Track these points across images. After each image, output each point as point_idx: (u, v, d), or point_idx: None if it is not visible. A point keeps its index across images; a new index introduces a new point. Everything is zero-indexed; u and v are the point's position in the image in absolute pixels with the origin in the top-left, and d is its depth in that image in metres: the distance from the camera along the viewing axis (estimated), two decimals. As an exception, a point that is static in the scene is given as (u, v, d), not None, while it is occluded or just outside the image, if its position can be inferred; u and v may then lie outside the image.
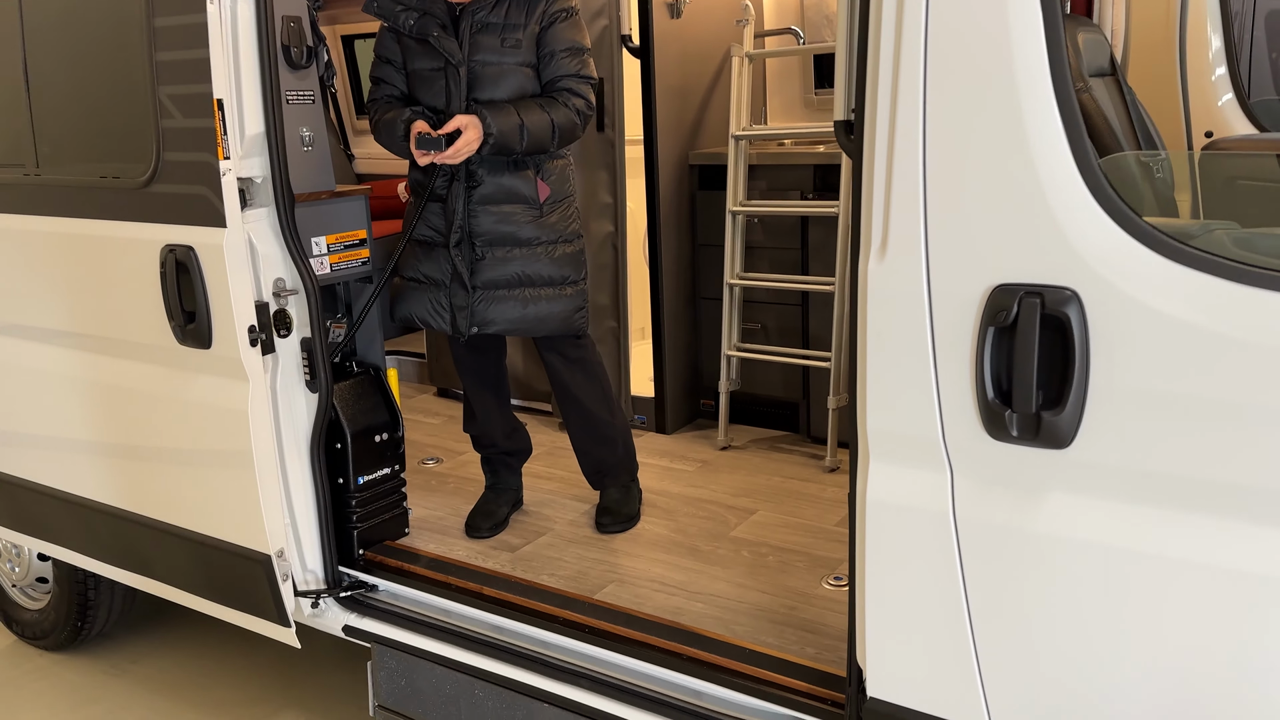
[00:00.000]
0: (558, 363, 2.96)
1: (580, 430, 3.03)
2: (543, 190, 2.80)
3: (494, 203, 2.77)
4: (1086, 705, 1.66)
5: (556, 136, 2.72)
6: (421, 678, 2.58)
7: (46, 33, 2.73)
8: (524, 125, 2.66)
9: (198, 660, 3.69)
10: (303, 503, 2.69)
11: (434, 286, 2.84)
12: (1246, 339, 1.43)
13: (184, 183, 2.47)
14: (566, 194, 2.88)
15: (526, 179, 2.78)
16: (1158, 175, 3.04)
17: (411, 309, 2.89)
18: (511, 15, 2.71)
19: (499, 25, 2.71)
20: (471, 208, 2.77)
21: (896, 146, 1.63)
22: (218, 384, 2.57)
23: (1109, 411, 1.54)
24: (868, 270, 1.69)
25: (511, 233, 2.78)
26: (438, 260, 2.83)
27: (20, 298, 2.98)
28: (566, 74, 2.75)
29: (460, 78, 2.72)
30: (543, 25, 2.72)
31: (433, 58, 2.75)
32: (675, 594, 2.62)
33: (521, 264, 2.80)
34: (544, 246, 2.82)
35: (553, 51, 2.74)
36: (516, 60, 2.72)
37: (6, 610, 3.86)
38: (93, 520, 3.04)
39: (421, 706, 2.61)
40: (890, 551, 1.79)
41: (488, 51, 2.71)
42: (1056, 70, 1.50)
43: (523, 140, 2.67)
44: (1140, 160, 2.14)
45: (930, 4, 1.57)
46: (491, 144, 2.64)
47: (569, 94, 2.74)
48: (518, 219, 2.78)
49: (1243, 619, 1.50)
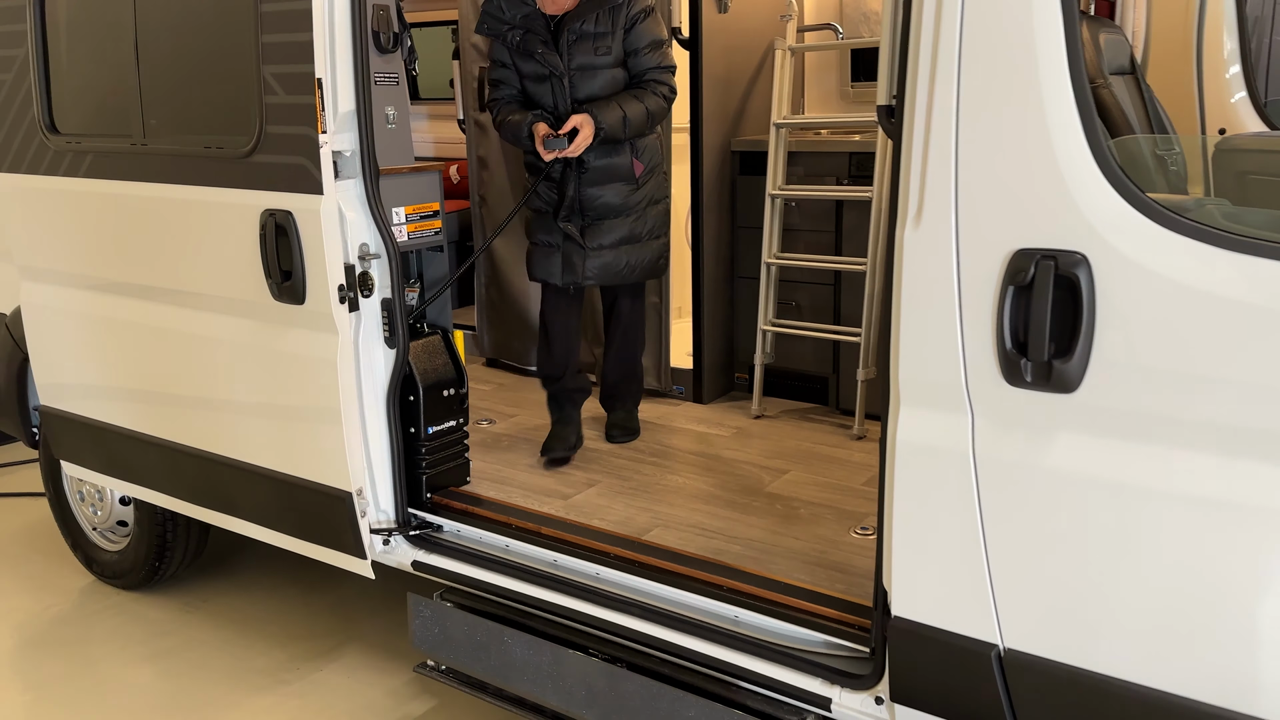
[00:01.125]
0: (625, 304, 3.60)
1: (617, 358, 3.66)
2: (637, 168, 3.38)
3: (598, 183, 3.33)
4: (1087, 621, 1.90)
5: (651, 120, 3.29)
6: (454, 626, 2.83)
7: (157, 15, 3.01)
8: (626, 116, 3.22)
9: (265, 599, 3.99)
10: (378, 448, 2.96)
11: (554, 250, 3.41)
12: (1230, 296, 1.67)
13: (284, 153, 2.74)
14: (656, 164, 3.46)
15: (624, 159, 3.34)
16: (1172, 168, 3.27)
17: (541, 269, 3.47)
18: (600, 24, 3.24)
19: (591, 34, 3.24)
20: (581, 187, 3.32)
21: (933, 128, 1.88)
22: (309, 336, 2.84)
23: (1111, 360, 1.78)
24: (904, 237, 1.94)
25: (613, 204, 3.36)
26: (551, 227, 3.38)
27: (124, 257, 3.27)
28: (651, 66, 3.29)
29: (564, 84, 3.28)
30: (627, 28, 3.22)
31: (538, 66, 3.29)
32: (714, 537, 2.88)
33: (621, 228, 3.39)
34: (638, 210, 3.41)
35: (637, 49, 3.27)
36: (608, 62, 3.27)
37: (87, 551, 4.16)
38: (182, 463, 3.32)
39: (454, 653, 2.85)
40: (916, 486, 2.03)
41: (584, 57, 3.25)
42: (1074, 64, 1.74)
43: (625, 129, 3.23)
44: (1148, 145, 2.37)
45: (965, 4, 1.81)
46: (602, 135, 3.19)
47: (656, 83, 3.30)
48: (619, 192, 3.36)
49: (1228, 544, 1.74)
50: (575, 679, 2.62)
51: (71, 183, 3.34)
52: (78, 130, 3.32)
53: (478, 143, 4.53)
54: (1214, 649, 1.78)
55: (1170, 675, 1.83)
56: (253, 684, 3.45)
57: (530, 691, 2.73)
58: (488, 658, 2.79)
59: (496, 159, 4.49)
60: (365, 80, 2.73)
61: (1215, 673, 1.79)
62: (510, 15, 3.30)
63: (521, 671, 2.72)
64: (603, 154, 3.30)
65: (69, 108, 3.35)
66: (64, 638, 3.79)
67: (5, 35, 3.44)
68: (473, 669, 2.84)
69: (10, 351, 4.07)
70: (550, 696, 2.69)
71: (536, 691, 2.71)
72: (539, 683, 2.70)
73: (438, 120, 5.85)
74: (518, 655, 2.73)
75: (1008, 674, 2.01)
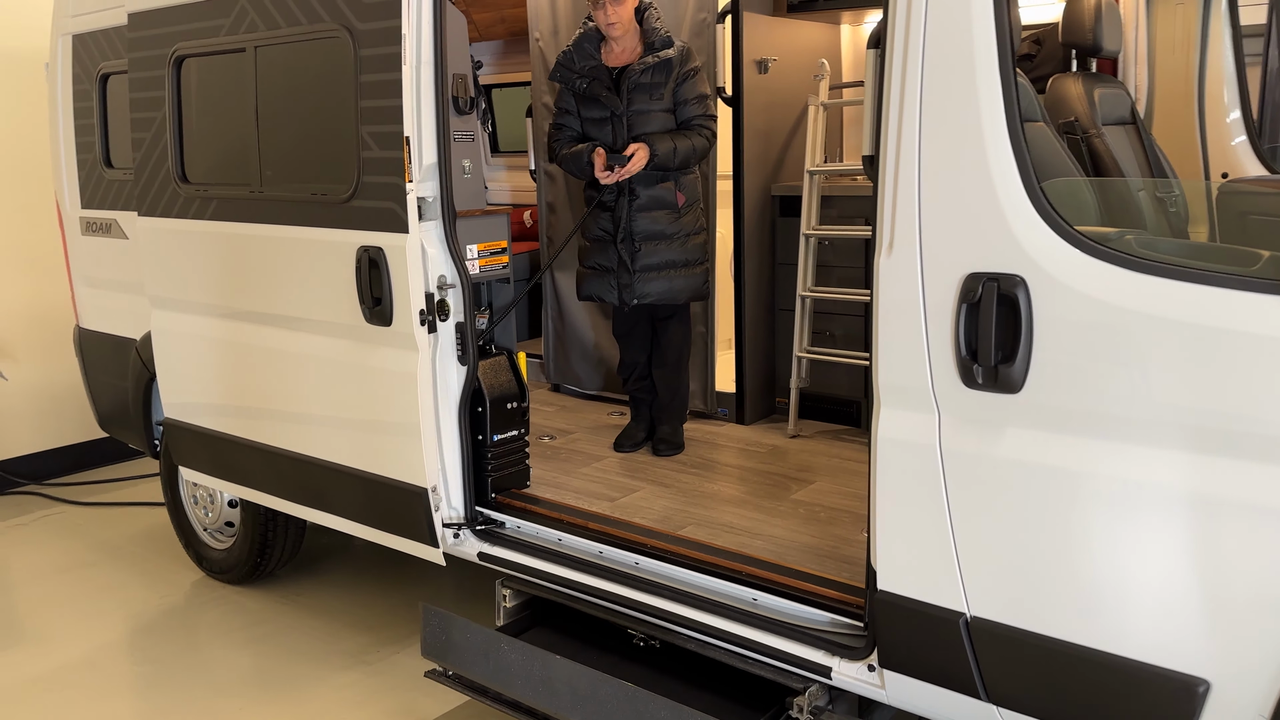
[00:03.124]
0: (674, 326, 4.10)
1: (665, 378, 4.14)
2: (680, 198, 3.95)
3: (647, 210, 3.91)
4: (1037, 590, 2.23)
5: (695, 154, 3.88)
6: (458, 633, 3.16)
7: (274, 85, 3.58)
8: (676, 147, 3.82)
9: (350, 595, 4.48)
10: (451, 452, 3.42)
11: (607, 272, 3.97)
12: (1141, 310, 2.02)
13: (377, 199, 3.26)
14: (696, 198, 4.05)
15: (669, 191, 3.91)
16: (1171, 209, 3.59)
17: (592, 289, 4.02)
18: (655, 76, 3.84)
19: (648, 85, 3.84)
20: (632, 214, 3.90)
21: (901, 174, 2.27)
22: (395, 354, 3.33)
23: (1047, 365, 2.14)
24: (879, 265, 2.33)
25: (660, 230, 3.91)
26: (608, 252, 3.95)
27: (240, 287, 3.82)
28: (697, 115, 3.89)
29: (623, 124, 3.87)
30: (678, 82, 3.81)
31: (600, 109, 3.90)
32: (741, 534, 3.25)
33: (666, 253, 3.93)
34: (680, 239, 3.95)
35: (686, 100, 3.88)
36: (661, 107, 3.87)
37: (198, 550, 4.72)
38: (284, 466, 3.84)
39: (459, 659, 3.17)
40: (895, 475, 2.40)
41: (640, 103, 3.85)
42: (1010, 121, 2.13)
43: (674, 158, 3.81)
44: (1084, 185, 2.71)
45: (924, 78, 2.21)
46: (655, 161, 3.78)
47: (701, 127, 3.90)
48: (663, 220, 3.92)
49: (1150, 519, 2.07)
50: (562, 683, 2.96)
51: (198, 224, 3.93)
52: (204, 180, 3.91)
53: (547, 190, 5.04)
54: (1138, 611, 2.10)
55: (1106, 636, 2.15)
56: (337, 664, 3.92)
57: (523, 695, 3.05)
58: (487, 663, 3.12)
59: (563, 204, 4.99)
60: (445, 138, 3.24)
61: (1140, 632, 2.11)
62: (579, 66, 3.91)
63: (515, 676, 3.05)
64: (650, 185, 3.87)
65: (197, 161, 3.94)
66: (174, 623, 4.32)
67: (147, 100, 4.06)
68: (475, 674, 3.17)
69: (139, 372, 4.68)
70: (541, 700, 3.00)
71: (529, 695, 3.03)
72: (531, 686, 3.02)
73: (514, 170, 6.41)
74: (512, 661, 3.05)
75: (974, 638, 2.35)
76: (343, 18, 3.26)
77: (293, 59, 3.49)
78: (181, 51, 3.86)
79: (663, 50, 3.84)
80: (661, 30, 3.90)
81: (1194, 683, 2.05)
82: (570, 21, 4.71)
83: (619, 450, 4.17)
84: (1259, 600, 1.98)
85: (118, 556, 5.03)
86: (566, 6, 4.73)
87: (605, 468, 3.98)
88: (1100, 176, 3.18)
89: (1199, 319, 1.96)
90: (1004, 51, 2.13)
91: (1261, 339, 1.91)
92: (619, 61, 3.90)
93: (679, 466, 3.96)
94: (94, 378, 5.09)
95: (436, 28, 3.16)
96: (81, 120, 4.81)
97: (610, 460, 4.07)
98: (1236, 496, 1.98)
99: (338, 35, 3.28)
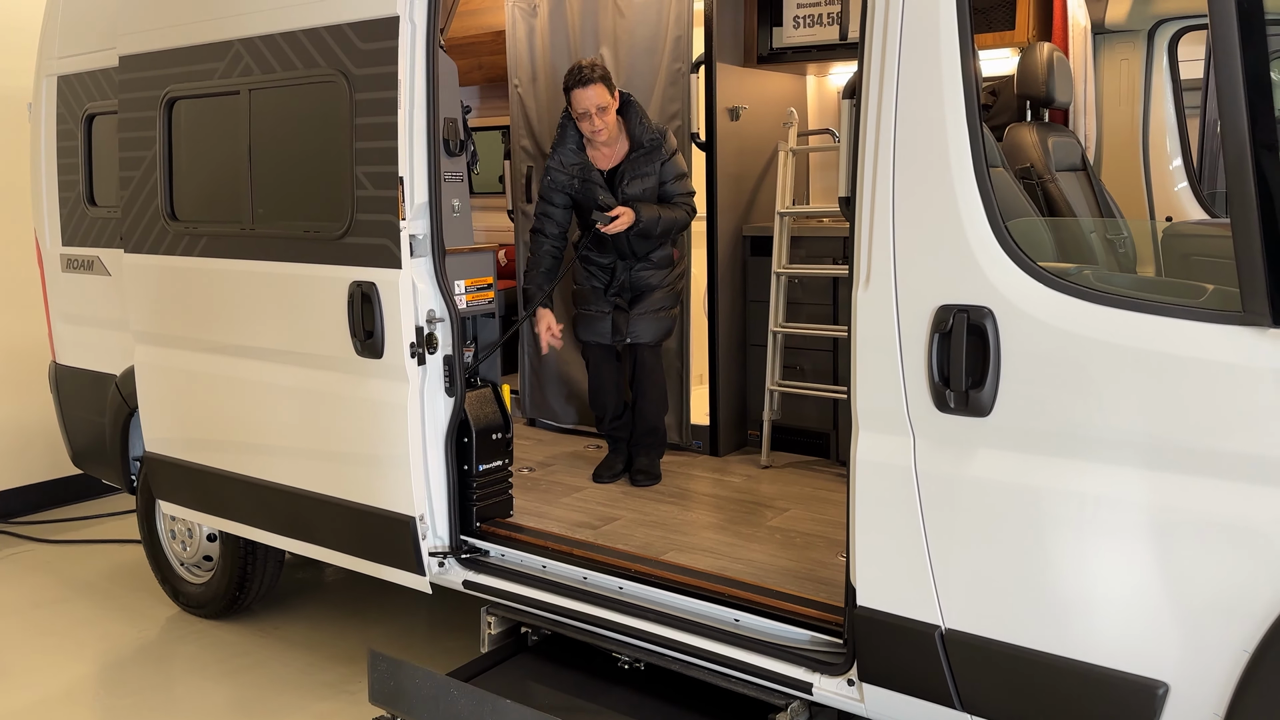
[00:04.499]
0: (649, 359, 4.30)
1: (642, 412, 4.31)
2: (675, 254, 4.33)
3: (647, 267, 4.27)
4: (1006, 598, 2.38)
5: (676, 226, 4.19)
6: (407, 679, 3.14)
7: (268, 126, 3.69)
8: (660, 216, 4.10)
9: (330, 628, 4.51)
10: (437, 481, 3.51)
11: (602, 317, 4.27)
12: (1098, 338, 2.20)
13: (371, 236, 3.38)
14: (685, 253, 4.47)
15: (667, 250, 4.28)
16: (1120, 250, 3.82)
17: (592, 332, 4.29)
18: (642, 166, 4.12)
19: (639, 174, 4.13)
20: (632, 273, 4.27)
21: (876, 213, 2.45)
22: (384, 385, 3.43)
23: (1014, 390, 2.31)
24: (857, 297, 2.50)
25: (654, 283, 4.28)
26: (603, 300, 4.27)
27: (228, 322, 3.90)
28: (679, 192, 4.19)
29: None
30: (661, 163, 4.14)
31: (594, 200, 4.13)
32: (721, 558, 3.38)
33: (657, 301, 4.27)
34: (663, 290, 4.30)
35: (668, 179, 4.16)
36: (649, 184, 4.14)
37: (174, 584, 4.72)
38: (269, 498, 3.89)
39: (408, 706, 3.13)
40: (873, 495, 2.54)
41: (633, 189, 4.13)
42: (977, 165, 2.31)
43: (657, 226, 4.09)
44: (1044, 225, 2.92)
45: (898, 126, 2.40)
46: (640, 227, 4.06)
47: (683, 203, 4.20)
48: (658, 275, 4.29)
49: (1110, 534, 2.24)
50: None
51: (186, 260, 4.00)
52: (194, 217, 4.00)
53: (524, 230, 5.18)
54: (1102, 619, 2.26)
55: (1072, 643, 2.30)
56: (318, 694, 3.95)
57: None
58: (436, 709, 3.09)
59: (539, 243, 5.13)
60: (437, 178, 3.37)
61: (1104, 639, 2.26)
62: (569, 167, 4.13)
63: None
64: (645, 249, 4.22)
65: (187, 199, 4.03)
66: (151, 657, 4.32)
67: (137, 140, 4.15)
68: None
69: (118, 407, 4.71)
70: None
71: None
72: None
73: (487, 211, 6.55)
74: (462, 707, 3.03)
75: (949, 650, 2.49)
76: (339, 63, 3.40)
77: (288, 102, 3.61)
78: (174, 93, 3.97)
79: (650, 144, 4.09)
80: (649, 127, 4.11)
81: (1154, 685, 2.20)
82: (548, 69, 4.89)
83: (598, 481, 4.28)
84: (1213, 606, 2.14)
85: (91, 592, 5.01)
86: (545, 55, 4.91)
87: (585, 498, 4.08)
88: (1055, 218, 3.40)
89: (1152, 346, 2.15)
90: (970, 102, 2.33)
91: (1209, 364, 2.09)
92: (607, 163, 4.13)
93: (657, 496, 4.08)
94: (70, 414, 5.09)
95: (430, 74, 3.31)
96: (65, 159, 4.88)
97: (590, 490, 4.18)
98: (1190, 509, 2.15)
99: (334, 80, 3.42)
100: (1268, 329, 2.03)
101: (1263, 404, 2.04)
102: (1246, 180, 2.03)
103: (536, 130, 4.97)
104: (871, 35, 2.44)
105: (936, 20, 2.35)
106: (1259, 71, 2.04)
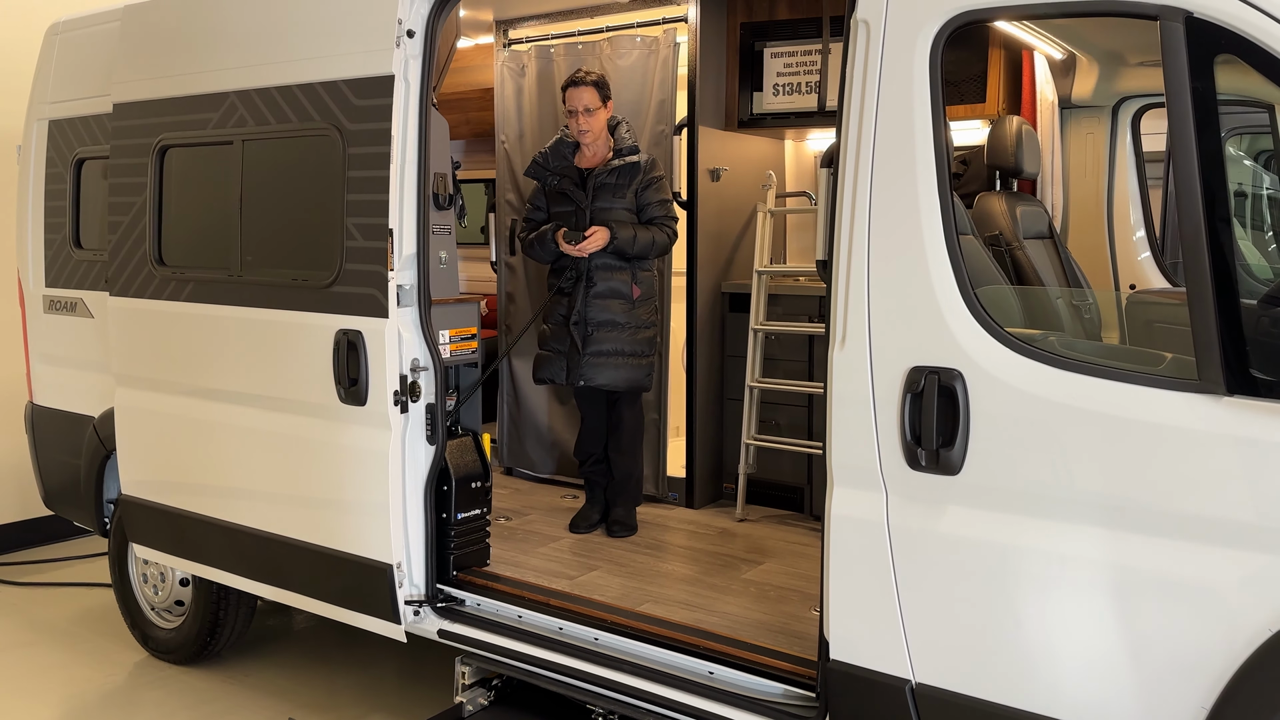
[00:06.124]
0: (626, 412, 4.35)
1: (622, 460, 4.36)
2: (635, 290, 4.23)
3: (603, 298, 4.20)
4: (974, 653, 2.44)
5: (654, 247, 4.19)
6: None
7: (260, 176, 3.77)
8: (636, 235, 4.13)
9: (301, 675, 4.48)
10: (415, 530, 3.53)
11: (559, 355, 4.25)
12: (1063, 401, 2.29)
13: (359, 285, 3.44)
14: (651, 294, 4.34)
15: (625, 283, 4.07)
16: (1085, 316, 3.95)
17: (545, 372, 4.29)
18: (620, 178, 4.18)
19: (612, 185, 4.20)
20: (588, 300, 4.06)
21: (852, 277, 2.55)
22: (367, 433, 3.47)
23: (984, 449, 2.39)
24: (833, 357, 2.58)
25: (612, 319, 4.18)
26: (562, 336, 4.22)
27: (211, 367, 3.93)
28: (659, 215, 4.24)
29: (586, 217, 4.19)
30: (642, 187, 4.14)
31: (567, 203, 4.24)
32: (696, 610, 3.42)
33: (617, 341, 4.19)
34: (631, 329, 4.20)
35: (649, 202, 4.24)
36: (622, 206, 4.21)
37: (144, 630, 4.68)
38: (244, 543, 3.89)
39: None
40: (847, 550, 2.61)
41: (604, 200, 4.21)
42: (948, 234, 2.42)
43: (633, 245, 4.11)
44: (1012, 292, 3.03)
45: (873, 195, 2.51)
46: (614, 245, 4.08)
47: (663, 224, 4.25)
48: (617, 309, 4.20)
49: (1075, 591, 2.31)
50: None
51: (172, 305, 4.04)
52: (181, 263, 4.05)
53: (507, 281, 5.27)
54: (1066, 674, 2.32)
55: (1037, 698, 2.36)
56: (290, 743, 3.92)
57: None
58: None
59: (522, 294, 5.22)
60: (425, 231, 3.45)
61: (1068, 694, 2.32)
62: (553, 165, 4.30)
63: None
64: (607, 275, 4.16)
65: (175, 245, 4.08)
66: (117, 703, 4.27)
67: (127, 185, 4.21)
68: None
69: (94, 449, 4.70)
70: None
71: None
72: None
73: (470, 261, 6.64)
74: None
75: (919, 704, 2.54)
76: (333, 118, 3.49)
77: (280, 153, 3.69)
78: (167, 141, 4.04)
79: (629, 156, 4.19)
80: (629, 140, 4.26)
81: (1117, 740, 2.26)
82: (535, 126, 5.01)
83: (574, 531, 4.32)
84: (1172, 664, 2.21)
85: (57, 636, 4.94)
86: (532, 112, 5.04)
87: (562, 548, 4.12)
88: (1023, 285, 3.53)
89: (1113, 410, 2.24)
90: (942, 173, 2.44)
91: (1167, 429, 2.19)
92: (589, 164, 4.27)
93: (633, 547, 4.12)
94: (44, 454, 5.07)
95: (421, 130, 3.40)
96: (52, 201, 4.92)
97: (566, 540, 4.21)
98: (1149, 569, 2.23)
99: (328, 134, 3.50)
100: (1222, 396, 2.13)
101: (1217, 468, 2.13)
102: (1201, 254, 2.15)
103: (522, 185, 5.08)
104: (849, 107, 2.56)
105: (910, 94, 2.47)
106: (1212, 149, 2.17)
